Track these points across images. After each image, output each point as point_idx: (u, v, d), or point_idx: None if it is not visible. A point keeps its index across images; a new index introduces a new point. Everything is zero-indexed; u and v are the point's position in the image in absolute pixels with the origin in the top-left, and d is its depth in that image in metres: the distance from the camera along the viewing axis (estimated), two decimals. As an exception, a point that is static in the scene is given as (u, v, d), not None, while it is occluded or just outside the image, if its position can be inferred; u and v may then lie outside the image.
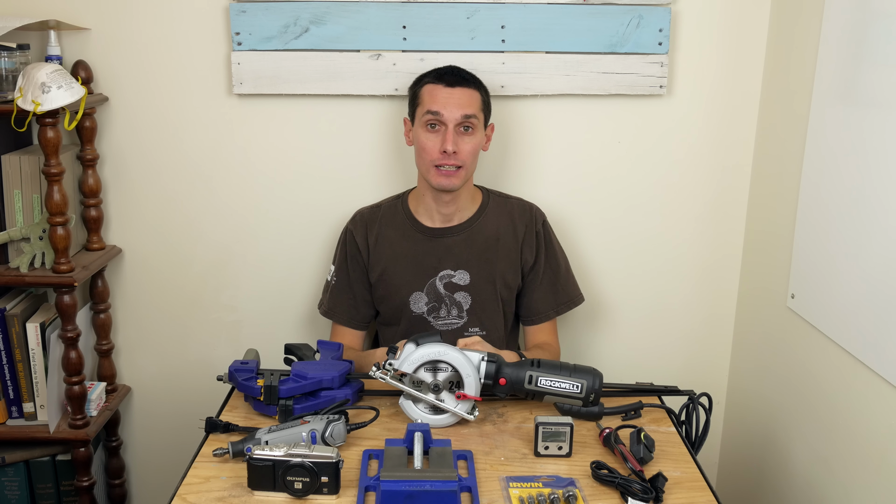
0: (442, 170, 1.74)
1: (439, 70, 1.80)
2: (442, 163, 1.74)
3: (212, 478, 1.35)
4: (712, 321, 2.16)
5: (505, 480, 1.35)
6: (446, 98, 1.74)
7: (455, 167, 1.74)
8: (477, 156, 1.80)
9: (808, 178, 1.75)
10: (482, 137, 1.80)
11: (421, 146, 1.77)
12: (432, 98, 1.75)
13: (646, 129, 2.02)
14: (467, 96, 1.75)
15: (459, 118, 1.73)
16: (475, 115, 1.75)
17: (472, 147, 1.76)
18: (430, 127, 1.75)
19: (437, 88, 1.75)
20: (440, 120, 1.73)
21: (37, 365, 1.87)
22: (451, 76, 1.77)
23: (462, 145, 1.74)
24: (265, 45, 1.92)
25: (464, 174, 1.77)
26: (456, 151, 1.72)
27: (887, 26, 1.48)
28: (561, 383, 1.48)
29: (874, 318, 1.50)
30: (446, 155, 1.72)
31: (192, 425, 1.60)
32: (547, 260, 1.88)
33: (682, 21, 1.95)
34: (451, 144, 1.72)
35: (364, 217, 1.90)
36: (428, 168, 1.77)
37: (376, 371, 1.50)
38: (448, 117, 1.73)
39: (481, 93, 1.79)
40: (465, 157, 1.75)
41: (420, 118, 1.77)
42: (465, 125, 1.74)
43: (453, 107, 1.73)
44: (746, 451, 2.08)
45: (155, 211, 2.05)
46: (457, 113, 1.73)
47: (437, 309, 1.84)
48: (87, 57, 1.93)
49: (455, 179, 1.76)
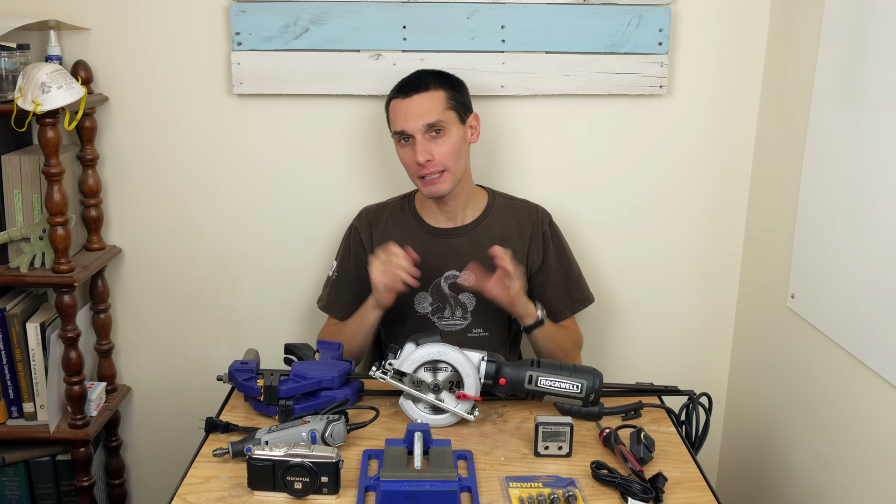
0: (426, 179, 1.74)
1: (402, 81, 1.78)
2: (422, 172, 1.73)
3: (212, 478, 1.35)
4: (712, 321, 2.16)
5: (505, 480, 1.35)
6: (406, 111, 1.72)
7: (438, 172, 1.73)
8: (460, 153, 1.76)
9: (808, 178, 1.75)
10: (459, 135, 1.75)
11: (401, 161, 1.78)
12: (395, 115, 1.75)
13: (646, 129, 2.02)
14: (426, 101, 1.72)
15: (422, 127, 1.71)
16: (438, 118, 1.71)
17: (449, 148, 1.73)
18: (403, 142, 1.75)
19: (398, 103, 1.74)
20: (406, 134, 1.73)
21: (37, 365, 1.87)
22: (408, 85, 1.74)
23: (436, 150, 1.72)
24: (265, 45, 1.92)
25: (450, 176, 1.75)
26: (430, 159, 1.71)
27: (887, 26, 1.48)
28: (561, 383, 1.48)
29: (874, 318, 1.50)
30: (422, 165, 1.72)
31: (192, 425, 1.59)
32: (558, 259, 1.88)
33: (682, 21, 1.96)
34: (422, 154, 1.70)
35: (370, 215, 1.90)
36: (415, 180, 1.77)
37: (376, 371, 1.50)
38: (411, 129, 1.71)
39: (446, 89, 1.75)
40: (444, 159, 1.72)
41: (393, 137, 1.78)
42: (436, 129, 1.72)
43: (413, 118, 1.71)
44: (746, 451, 2.08)
45: (155, 211, 2.05)
46: (418, 123, 1.71)
47: (442, 309, 1.84)
48: (87, 57, 1.93)
49: (442, 185, 1.74)
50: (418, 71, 1.80)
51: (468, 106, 1.80)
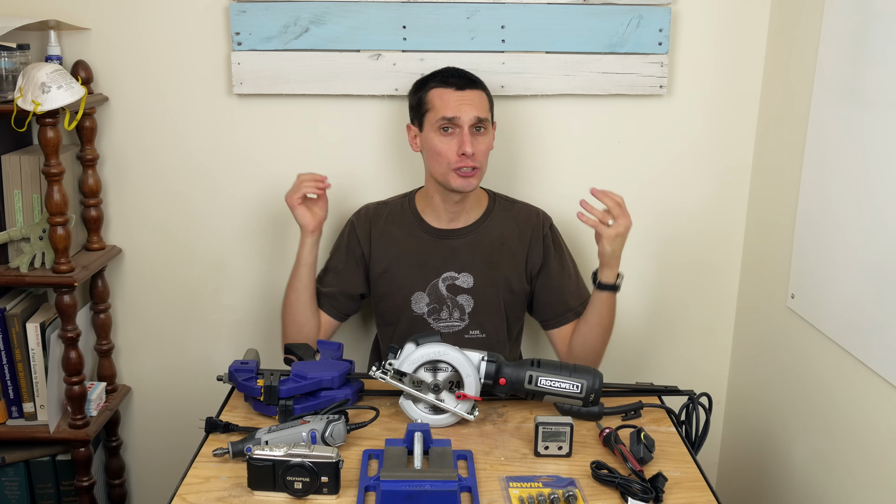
0: (462, 171, 1.74)
1: (443, 73, 1.79)
2: (461, 165, 1.74)
3: (212, 478, 1.35)
4: (712, 321, 2.16)
5: (505, 480, 1.35)
6: (459, 101, 1.73)
7: (472, 168, 1.75)
8: (488, 156, 1.80)
9: (808, 177, 1.75)
10: (491, 138, 1.80)
11: (436, 151, 1.75)
12: (444, 103, 1.74)
13: (646, 129, 2.02)
14: (478, 98, 1.76)
15: (474, 120, 1.73)
16: (486, 116, 1.76)
17: (486, 147, 1.77)
18: (444, 131, 1.74)
19: (448, 92, 1.75)
20: (455, 124, 1.73)
21: (37, 365, 1.87)
22: (458, 79, 1.76)
23: (477, 146, 1.74)
24: (265, 45, 1.92)
25: (480, 175, 1.77)
26: (474, 153, 1.73)
27: (887, 26, 1.48)
28: (561, 383, 1.48)
29: (874, 317, 1.50)
30: (465, 157, 1.72)
31: (192, 425, 1.59)
32: (559, 262, 1.88)
33: (682, 21, 1.96)
34: (470, 146, 1.72)
35: (369, 212, 1.90)
36: (446, 172, 1.76)
37: (376, 371, 1.50)
38: (463, 120, 1.72)
39: (487, 93, 1.80)
40: (481, 157, 1.76)
41: (433, 124, 1.75)
42: (477, 126, 1.74)
43: (467, 109, 1.73)
44: (746, 451, 2.08)
45: (155, 211, 2.05)
46: (471, 114, 1.73)
47: (438, 310, 1.84)
48: (87, 57, 1.93)
49: (473, 180, 1.76)
50: (458, 69, 1.81)
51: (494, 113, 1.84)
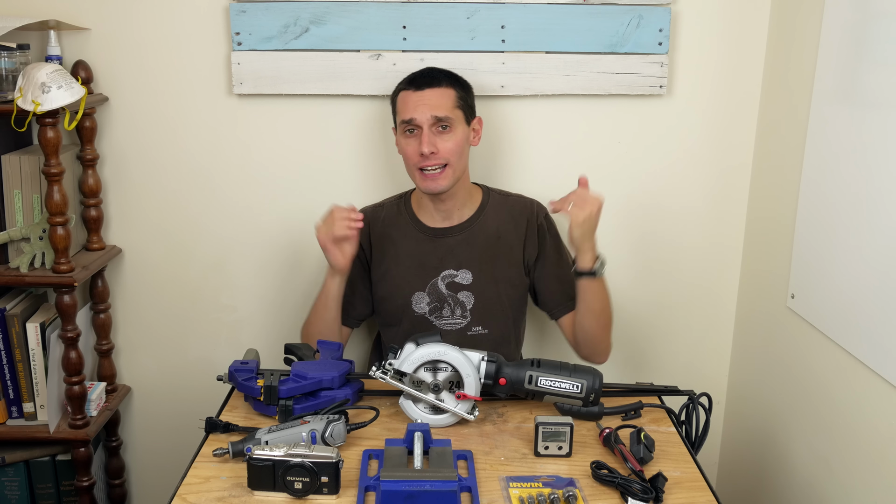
0: (426, 172, 1.74)
1: (412, 74, 1.79)
2: (423, 165, 1.74)
3: (212, 478, 1.35)
4: (712, 321, 2.16)
5: (505, 480, 1.35)
6: (416, 102, 1.74)
7: (439, 166, 1.74)
8: (463, 152, 1.78)
9: (809, 178, 1.75)
10: (464, 134, 1.78)
11: (402, 152, 1.78)
12: (404, 105, 1.76)
13: (646, 129, 2.02)
14: (437, 96, 1.74)
15: (431, 120, 1.72)
16: (447, 115, 1.74)
17: (454, 144, 1.75)
18: (409, 133, 1.76)
19: (408, 94, 1.76)
20: (414, 124, 1.74)
21: (37, 365, 1.87)
22: (421, 78, 1.76)
23: (441, 144, 1.73)
24: (265, 45, 1.92)
25: (451, 173, 1.76)
26: (434, 151, 1.72)
27: (887, 26, 1.48)
28: (561, 383, 1.48)
29: (874, 317, 1.50)
30: (425, 157, 1.72)
31: (192, 425, 1.60)
32: (555, 251, 1.87)
33: (682, 21, 1.96)
34: (427, 146, 1.71)
35: (367, 216, 1.90)
36: (413, 173, 1.77)
37: (376, 371, 1.50)
38: (420, 120, 1.73)
39: (456, 89, 1.77)
40: (447, 154, 1.74)
41: (399, 127, 1.78)
42: (440, 125, 1.74)
43: (423, 109, 1.73)
44: (746, 451, 2.08)
45: (155, 211, 2.05)
46: (427, 114, 1.72)
47: (440, 309, 1.84)
48: (87, 57, 1.93)
49: (442, 181, 1.75)
50: (429, 67, 1.82)
51: (473, 109, 1.82)
